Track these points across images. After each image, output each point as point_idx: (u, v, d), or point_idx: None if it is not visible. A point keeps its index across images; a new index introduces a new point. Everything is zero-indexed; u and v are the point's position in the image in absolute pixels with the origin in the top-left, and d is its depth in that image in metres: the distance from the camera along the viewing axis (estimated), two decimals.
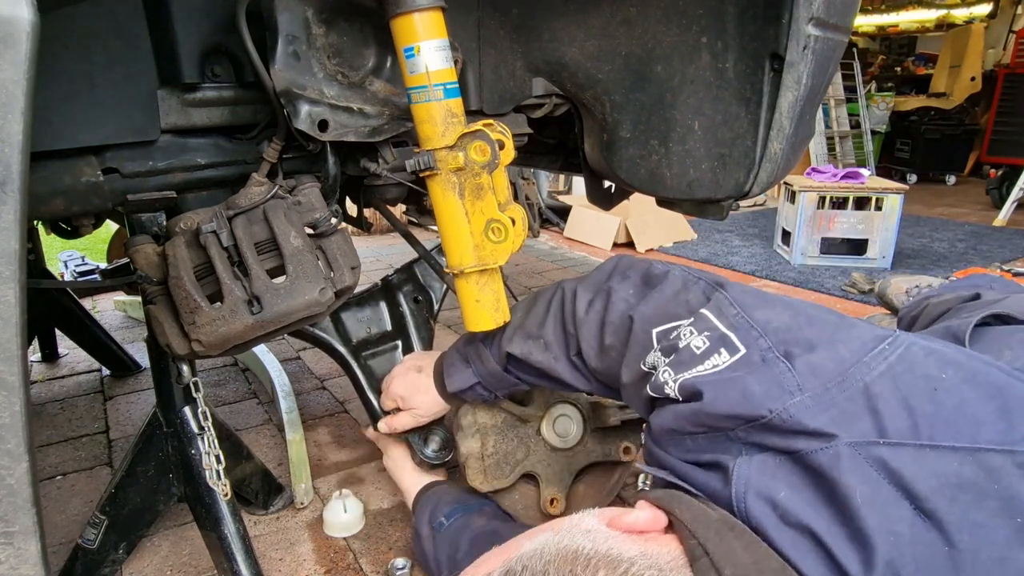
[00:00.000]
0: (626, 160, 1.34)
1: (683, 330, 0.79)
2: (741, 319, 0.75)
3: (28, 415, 0.63)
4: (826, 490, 0.61)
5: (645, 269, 0.95)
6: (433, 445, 1.34)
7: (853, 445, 0.61)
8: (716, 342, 0.74)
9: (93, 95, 0.93)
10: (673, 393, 0.75)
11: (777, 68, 1.11)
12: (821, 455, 0.62)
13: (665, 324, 0.83)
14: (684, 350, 0.76)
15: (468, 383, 1.16)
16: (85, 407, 1.97)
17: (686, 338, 0.77)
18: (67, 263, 3.11)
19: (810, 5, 1.04)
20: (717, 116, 1.21)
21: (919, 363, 0.66)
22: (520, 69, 1.31)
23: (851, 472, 0.60)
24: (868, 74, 7.79)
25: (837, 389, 0.64)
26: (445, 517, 1.16)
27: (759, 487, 0.65)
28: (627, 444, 1.33)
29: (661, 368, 0.78)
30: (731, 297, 0.78)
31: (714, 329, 0.75)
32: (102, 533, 1.18)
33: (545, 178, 4.69)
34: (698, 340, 0.76)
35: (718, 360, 0.73)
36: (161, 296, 0.99)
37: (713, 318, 0.77)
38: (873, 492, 0.59)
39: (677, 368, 0.76)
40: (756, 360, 0.70)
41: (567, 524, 0.66)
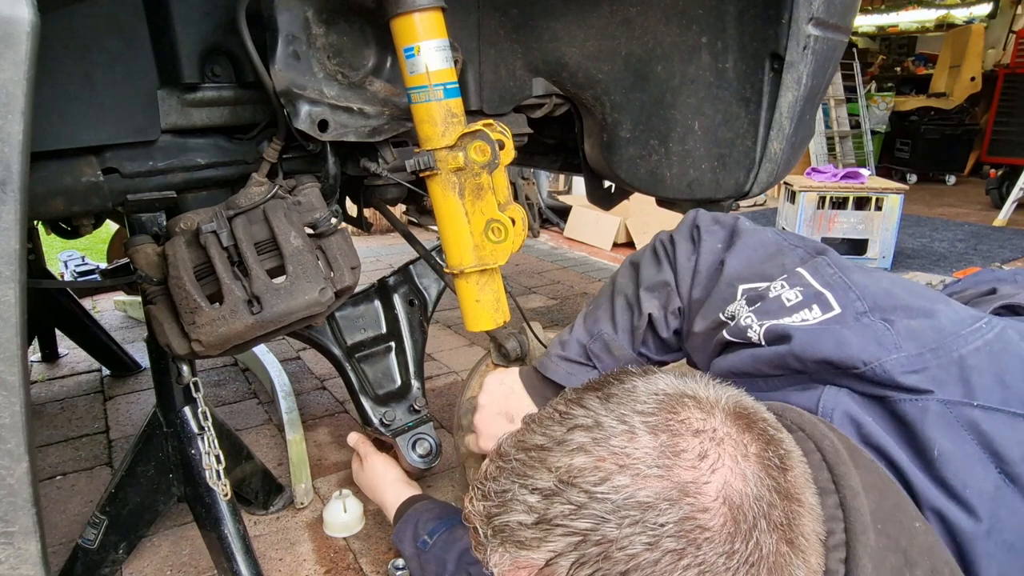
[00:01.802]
0: (626, 160, 1.34)
1: (774, 284, 0.77)
2: (839, 279, 0.74)
3: (28, 415, 0.63)
4: (908, 437, 0.63)
5: (731, 226, 0.93)
6: (420, 450, 1.34)
7: (945, 403, 0.62)
8: (810, 298, 0.73)
9: (93, 95, 0.93)
10: (757, 337, 0.74)
11: (777, 68, 1.11)
12: (909, 405, 0.63)
13: (755, 283, 0.82)
14: (772, 300, 0.75)
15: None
16: (85, 407, 1.97)
17: (776, 291, 0.76)
18: (67, 263, 3.10)
19: (810, 5, 1.04)
20: (717, 116, 1.21)
21: (1015, 345, 0.67)
22: (520, 69, 1.31)
23: (936, 427, 0.62)
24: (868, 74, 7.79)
25: (932, 355, 0.65)
26: (428, 535, 1.14)
27: (847, 409, 0.66)
28: None
29: (743, 315, 0.77)
30: (830, 259, 0.77)
31: (808, 286, 0.74)
32: (102, 533, 1.18)
33: (545, 178, 4.69)
34: (790, 293, 0.75)
35: (808, 315, 0.72)
36: (161, 296, 0.99)
37: (808, 275, 0.76)
38: (957, 448, 0.61)
39: (762, 315, 0.74)
40: (851, 320, 0.69)
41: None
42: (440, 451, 1.35)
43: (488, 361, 1.38)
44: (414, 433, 1.35)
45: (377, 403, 1.37)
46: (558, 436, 0.53)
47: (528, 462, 0.53)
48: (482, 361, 1.38)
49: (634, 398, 0.55)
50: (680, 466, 0.49)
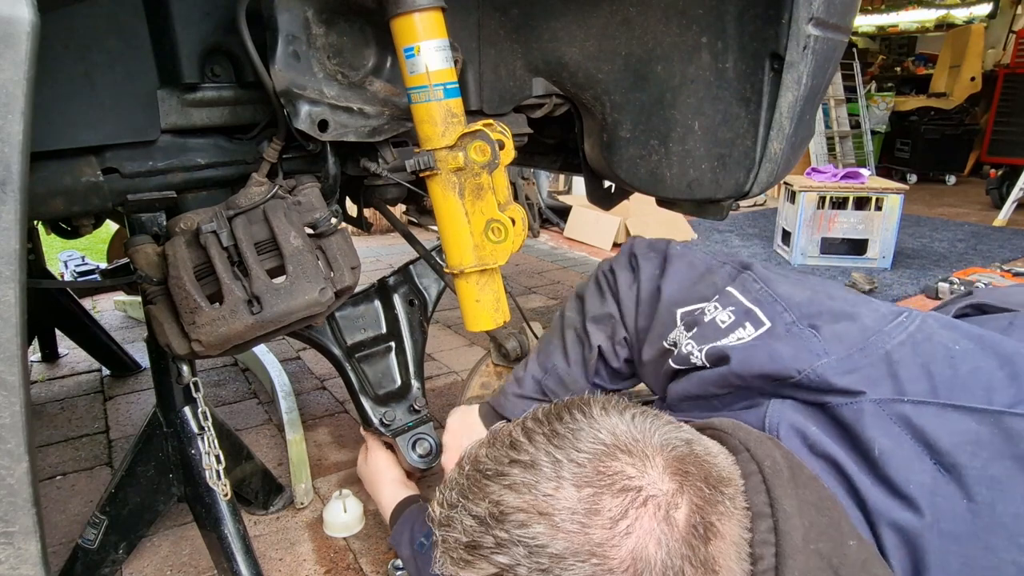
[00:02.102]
0: (626, 160, 1.34)
1: (707, 307, 0.81)
2: (765, 293, 0.77)
3: (28, 415, 0.63)
4: (850, 439, 0.66)
5: (662, 251, 0.97)
6: (420, 450, 1.34)
7: (877, 402, 0.65)
8: (741, 316, 0.77)
9: (93, 95, 0.93)
10: (700, 361, 0.78)
11: (777, 68, 1.11)
12: (846, 409, 0.66)
13: (690, 305, 0.86)
14: (708, 324, 0.79)
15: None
16: (85, 407, 1.97)
17: (711, 313, 0.80)
18: (67, 263, 3.10)
19: (810, 5, 1.04)
20: (717, 116, 1.21)
21: (936, 334, 0.70)
22: (520, 69, 1.31)
23: (873, 426, 0.64)
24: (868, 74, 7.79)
25: (860, 355, 0.68)
26: (425, 537, 1.14)
27: (792, 421, 0.69)
28: None
29: (684, 342, 0.81)
30: (756, 274, 0.81)
31: (739, 304, 0.78)
32: (102, 533, 1.18)
33: (545, 178, 4.69)
34: (723, 315, 0.78)
35: (743, 333, 0.75)
36: (161, 296, 0.99)
37: (738, 294, 0.79)
38: (895, 445, 0.63)
39: (701, 340, 0.78)
40: (781, 332, 0.73)
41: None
42: (440, 451, 1.35)
43: (488, 361, 1.38)
44: (414, 433, 1.35)
45: (377, 403, 1.37)
46: (502, 466, 0.59)
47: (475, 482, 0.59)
48: (482, 361, 1.38)
49: (575, 441, 0.58)
50: (596, 524, 0.53)
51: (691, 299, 0.87)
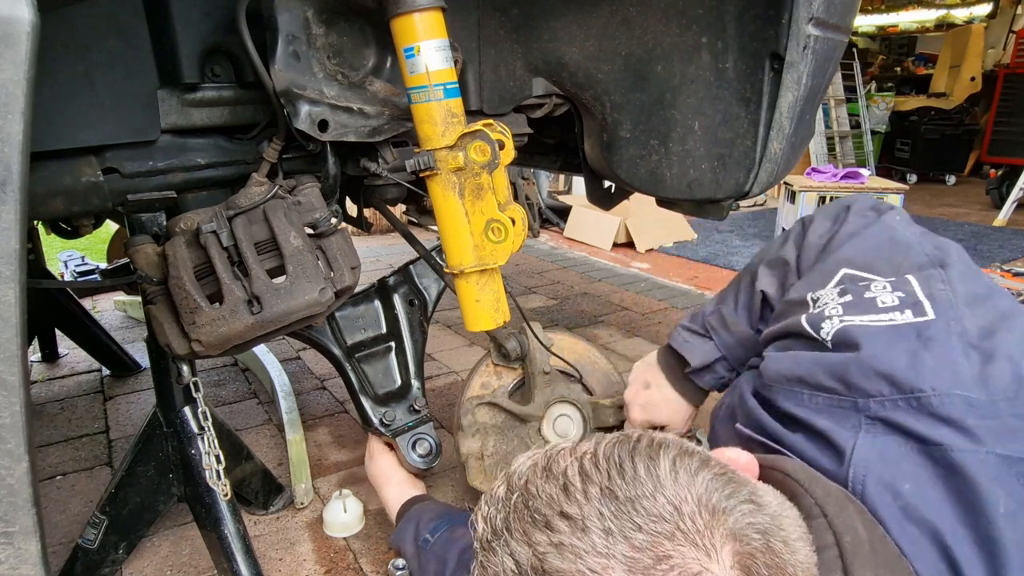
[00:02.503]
0: (626, 160, 1.34)
1: (876, 283, 0.73)
2: (946, 296, 0.68)
3: (28, 415, 0.63)
4: (958, 490, 0.57)
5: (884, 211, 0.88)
6: (420, 450, 1.34)
7: (1006, 458, 0.57)
8: (906, 303, 0.68)
9: (93, 95, 0.93)
10: (827, 335, 0.69)
11: (777, 68, 1.11)
12: (968, 456, 0.57)
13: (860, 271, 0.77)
14: (867, 300, 0.70)
15: (711, 357, 1.06)
16: (85, 407, 1.97)
17: (875, 291, 0.71)
18: (67, 263, 3.10)
19: (810, 5, 1.04)
20: (717, 116, 1.21)
21: None
22: (520, 69, 1.31)
23: (999, 482, 0.56)
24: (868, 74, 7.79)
25: (1007, 403, 0.59)
26: (430, 533, 1.14)
27: (881, 474, 0.60)
28: None
29: (830, 305, 0.72)
30: (947, 275, 0.71)
31: (911, 294, 0.69)
32: (102, 533, 1.18)
33: (545, 178, 4.69)
34: (887, 296, 0.69)
35: (898, 317, 0.66)
36: (161, 296, 0.99)
37: (915, 284, 0.70)
38: (1019, 508, 0.55)
39: (848, 310, 0.70)
40: (938, 334, 0.63)
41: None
42: (440, 451, 1.35)
43: (488, 361, 1.38)
44: (414, 433, 1.35)
45: (377, 403, 1.37)
46: (551, 514, 0.51)
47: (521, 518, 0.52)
48: (482, 361, 1.38)
49: (633, 512, 0.49)
50: None
51: (864, 267, 0.78)
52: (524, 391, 1.37)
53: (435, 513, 1.20)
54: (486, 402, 1.31)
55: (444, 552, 1.09)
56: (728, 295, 1.06)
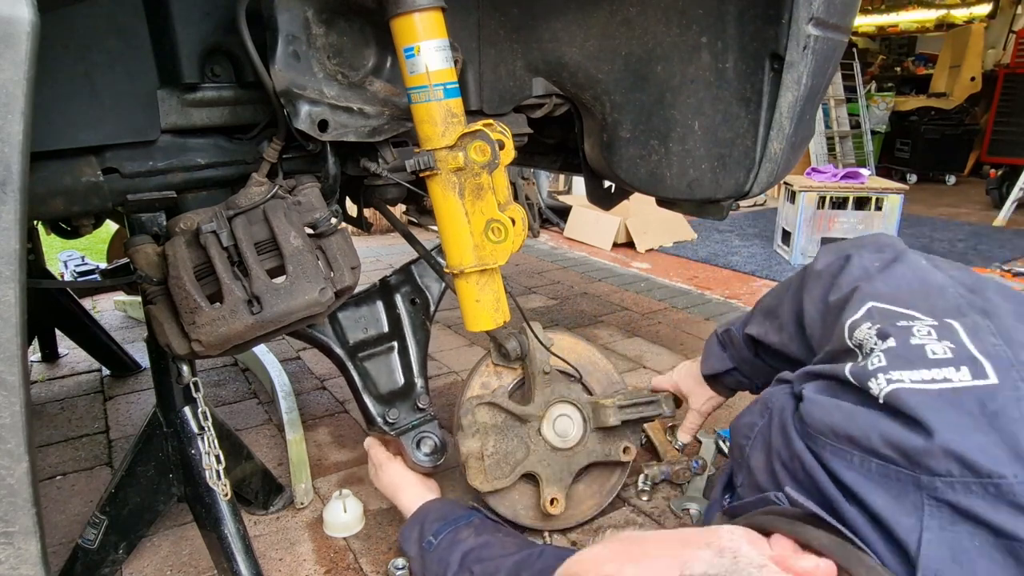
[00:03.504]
0: (626, 160, 1.34)
1: (918, 326, 0.64)
2: (1002, 350, 0.59)
3: (28, 415, 0.63)
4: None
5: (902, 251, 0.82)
6: (425, 448, 1.34)
7: None
8: (962, 359, 0.59)
9: (93, 95, 0.93)
10: (878, 392, 0.60)
11: (777, 68, 1.11)
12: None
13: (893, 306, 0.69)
14: (913, 347, 0.61)
15: (724, 367, 1.18)
16: (85, 407, 1.97)
17: (920, 337, 0.62)
18: (67, 263, 3.10)
19: (810, 5, 1.04)
20: (717, 116, 1.21)
21: None
22: (520, 69, 1.31)
23: None
24: (868, 74, 7.79)
25: None
26: (433, 535, 1.14)
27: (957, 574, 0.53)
28: (627, 444, 1.33)
29: (874, 352, 0.64)
30: (995, 326, 0.62)
31: (962, 346, 0.60)
32: (102, 533, 1.18)
33: (545, 178, 4.69)
34: (937, 346, 0.61)
35: (954, 376, 0.57)
36: (161, 296, 0.99)
37: (964, 334, 0.62)
38: None
39: (894, 362, 0.61)
40: (1007, 402, 0.55)
41: (727, 547, 0.58)
42: (446, 448, 1.35)
43: (488, 361, 1.38)
44: (419, 432, 1.35)
45: (381, 402, 1.37)
46: None
47: None
48: (482, 361, 1.38)
49: None
50: None
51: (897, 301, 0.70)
52: (524, 391, 1.37)
53: (440, 514, 1.20)
54: (486, 402, 1.31)
55: (447, 555, 1.09)
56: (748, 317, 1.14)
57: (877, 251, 0.83)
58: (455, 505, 1.26)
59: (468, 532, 1.13)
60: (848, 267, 0.82)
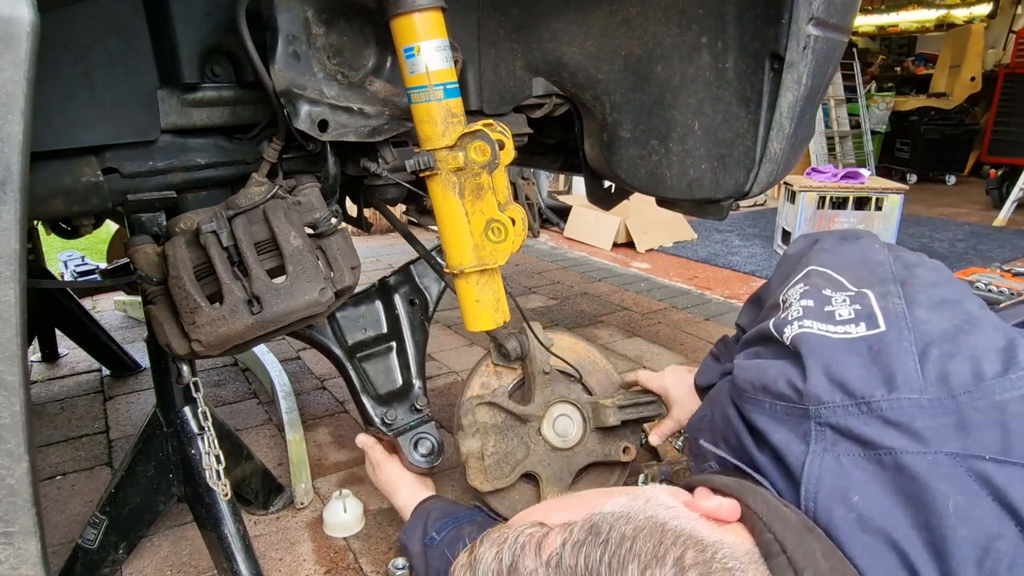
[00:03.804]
0: (626, 160, 1.34)
1: (838, 296, 0.74)
2: (899, 309, 0.69)
3: (28, 415, 0.63)
4: (909, 493, 0.58)
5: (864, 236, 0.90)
6: (423, 449, 1.34)
7: (954, 456, 0.57)
8: (861, 316, 0.69)
9: (93, 95, 0.93)
10: (788, 339, 0.71)
11: (777, 68, 1.11)
12: (917, 459, 0.58)
13: (829, 270, 0.79)
14: (826, 311, 0.72)
15: (714, 377, 1.17)
16: (85, 407, 1.97)
17: (835, 304, 0.73)
18: (67, 263, 3.11)
19: (810, 5, 1.04)
20: (717, 116, 1.21)
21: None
22: (520, 69, 1.31)
23: (948, 480, 0.57)
24: (868, 74, 7.79)
25: (966, 397, 0.59)
26: (436, 532, 1.15)
27: (832, 487, 0.61)
28: (627, 444, 1.33)
29: (794, 307, 0.74)
30: (904, 291, 0.72)
31: (867, 307, 0.70)
32: (102, 533, 1.18)
33: (545, 178, 4.69)
34: (845, 309, 0.71)
35: (852, 330, 0.68)
36: (161, 296, 0.99)
37: (872, 298, 0.72)
38: (971, 504, 0.56)
39: (807, 314, 0.72)
40: (889, 344, 0.64)
41: (643, 493, 0.65)
42: (443, 450, 1.35)
43: (488, 361, 1.38)
44: (416, 433, 1.35)
45: (379, 403, 1.37)
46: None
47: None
48: (482, 361, 1.38)
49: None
50: None
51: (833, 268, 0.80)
52: (524, 391, 1.37)
53: (442, 512, 1.21)
54: (486, 402, 1.31)
55: (450, 550, 1.09)
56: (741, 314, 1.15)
57: (841, 237, 0.90)
58: (457, 504, 1.26)
59: (471, 529, 1.14)
60: (813, 248, 0.89)
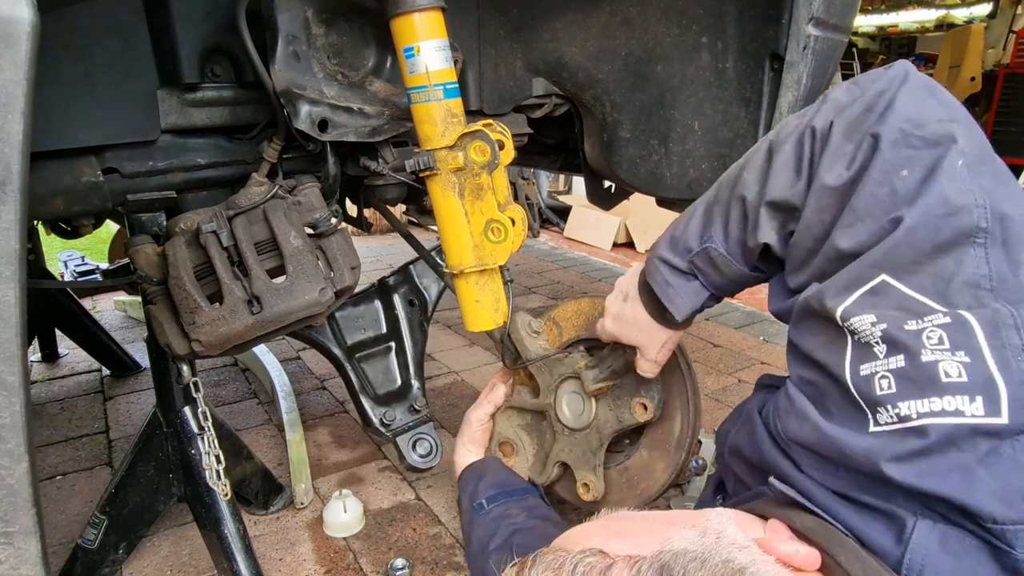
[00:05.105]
0: (626, 160, 1.34)
1: (929, 331, 0.55)
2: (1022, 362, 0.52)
3: (28, 415, 0.63)
4: None
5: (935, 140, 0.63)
6: (421, 450, 1.34)
7: None
8: (976, 387, 0.52)
9: (93, 95, 0.93)
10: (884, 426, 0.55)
11: (777, 68, 1.11)
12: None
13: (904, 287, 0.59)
14: (923, 366, 0.54)
15: (697, 303, 0.90)
16: (85, 407, 1.97)
17: (931, 351, 0.54)
18: (67, 263, 3.11)
19: (810, 5, 1.04)
20: (717, 116, 1.21)
21: None
22: (520, 69, 1.31)
23: None
24: None
25: None
26: (487, 500, 1.14)
27: (939, 569, 0.52)
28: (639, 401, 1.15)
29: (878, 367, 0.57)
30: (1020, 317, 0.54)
31: (979, 362, 0.53)
32: (102, 533, 1.18)
33: (545, 178, 4.69)
34: (950, 365, 0.53)
35: (966, 407, 0.52)
36: (161, 296, 0.99)
37: (981, 337, 0.54)
38: None
39: (904, 389, 0.55)
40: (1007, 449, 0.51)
41: (712, 526, 0.58)
42: (441, 451, 1.35)
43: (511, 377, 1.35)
44: (415, 433, 1.35)
45: (377, 403, 1.37)
46: None
47: None
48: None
49: None
50: None
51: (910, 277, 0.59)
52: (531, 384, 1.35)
53: (497, 479, 1.20)
54: (508, 407, 1.30)
55: (495, 526, 1.10)
56: (714, 222, 0.84)
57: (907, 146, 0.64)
58: (512, 474, 1.25)
59: (519, 510, 1.13)
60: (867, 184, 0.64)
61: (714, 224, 0.84)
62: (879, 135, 0.65)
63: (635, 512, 0.65)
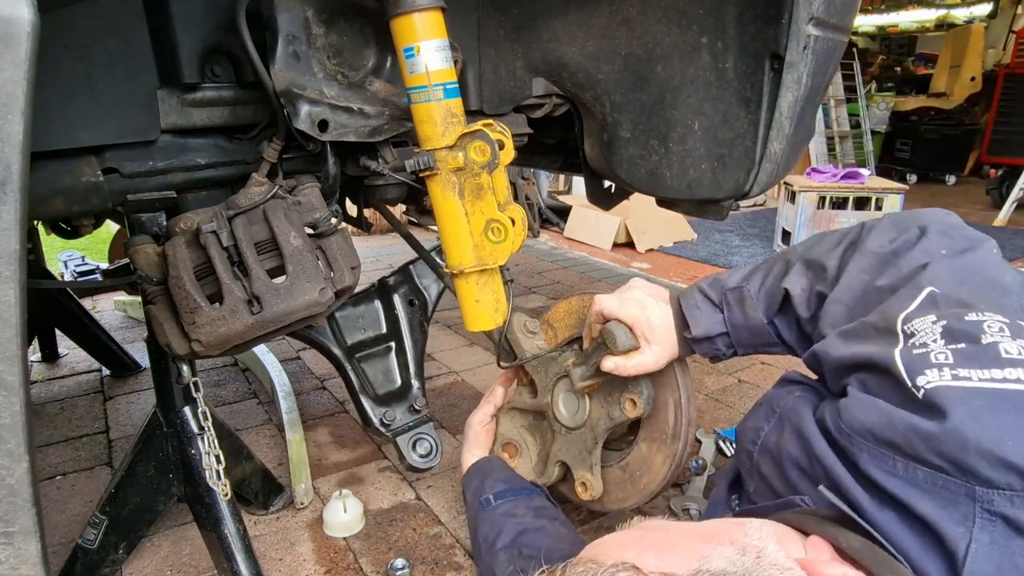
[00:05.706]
0: (626, 160, 1.34)
1: (990, 320, 0.58)
2: None
3: (28, 415, 0.63)
4: None
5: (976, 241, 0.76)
6: (421, 450, 1.34)
7: None
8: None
9: (93, 95, 0.93)
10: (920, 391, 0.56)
11: (777, 68, 1.11)
12: None
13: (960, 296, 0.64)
14: (987, 347, 0.56)
15: (717, 330, 1.00)
16: (85, 407, 1.97)
17: (992, 332, 0.57)
18: (67, 263, 3.10)
19: (810, 5, 1.04)
20: (717, 116, 1.21)
21: None
22: (520, 69, 1.31)
23: None
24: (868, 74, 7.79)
25: None
26: (493, 496, 1.15)
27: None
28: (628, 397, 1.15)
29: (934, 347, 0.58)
30: None
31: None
32: (102, 533, 1.18)
33: (545, 178, 4.69)
34: (1012, 344, 0.55)
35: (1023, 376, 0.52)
36: (161, 296, 0.99)
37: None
38: None
39: (961, 360, 0.56)
40: None
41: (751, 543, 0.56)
42: (441, 451, 1.35)
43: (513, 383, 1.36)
44: (415, 433, 1.35)
45: (377, 403, 1.37)
46: None
47: None
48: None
49: None
50: None
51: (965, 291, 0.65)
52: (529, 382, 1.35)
53: (504, 476, 1.22)
54: (511, 408, 1.30)
55: (502, 523, 1.11)
56: (757, 274, 0.98)
57: (946, 236, 0.77)
58: (515, 474, 1.26)
59: (526, 510, 1.14)
60: (912, 251, 0.76)
61: (753, 277, 0.99)
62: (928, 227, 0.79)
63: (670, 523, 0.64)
